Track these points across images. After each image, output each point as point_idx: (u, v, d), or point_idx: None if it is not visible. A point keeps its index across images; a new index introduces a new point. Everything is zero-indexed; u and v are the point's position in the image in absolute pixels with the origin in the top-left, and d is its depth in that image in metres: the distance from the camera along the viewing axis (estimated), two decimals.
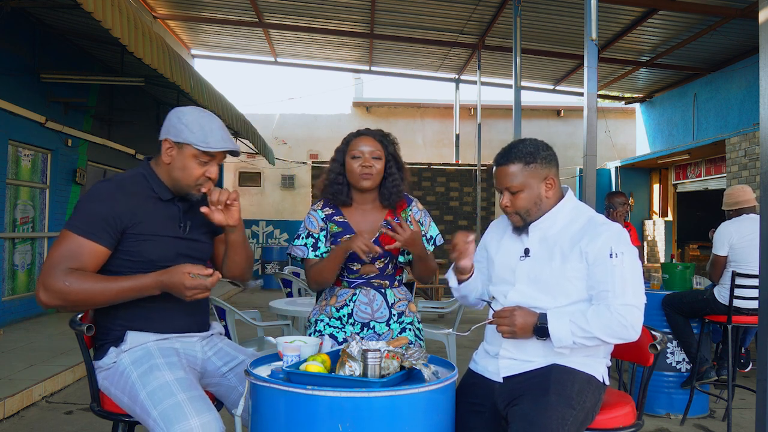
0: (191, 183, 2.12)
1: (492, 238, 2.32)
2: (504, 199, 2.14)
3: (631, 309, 1.98)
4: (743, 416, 4.44)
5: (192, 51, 14.52)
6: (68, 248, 1.98)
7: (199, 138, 2.07)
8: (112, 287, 1.97)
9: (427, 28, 11.37)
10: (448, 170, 14.25)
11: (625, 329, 1.98)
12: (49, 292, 1.93)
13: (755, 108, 9.90)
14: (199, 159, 2.09)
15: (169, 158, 2.11)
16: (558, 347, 2.01)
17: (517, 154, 2.11)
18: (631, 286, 2.01)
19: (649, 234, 13.23)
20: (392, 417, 1.70)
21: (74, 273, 1.95)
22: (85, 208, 2.04)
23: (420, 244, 2.41)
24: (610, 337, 1.98)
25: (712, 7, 8.82)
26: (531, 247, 2.15)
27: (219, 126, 2.13)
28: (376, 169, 2.46)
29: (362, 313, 2.49)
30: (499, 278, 2.21)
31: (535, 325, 2.01)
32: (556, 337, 1.99)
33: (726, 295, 4.19)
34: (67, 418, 4.30)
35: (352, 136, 2.55)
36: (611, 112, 16.79)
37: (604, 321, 1.97)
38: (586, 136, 5.88)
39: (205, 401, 1.95)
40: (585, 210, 2.19)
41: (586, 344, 2.00)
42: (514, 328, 2.01)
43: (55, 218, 8.39)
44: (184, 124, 2.09)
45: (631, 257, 2.04)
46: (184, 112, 2.13)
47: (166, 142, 2.12)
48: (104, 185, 2.10)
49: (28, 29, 7.55)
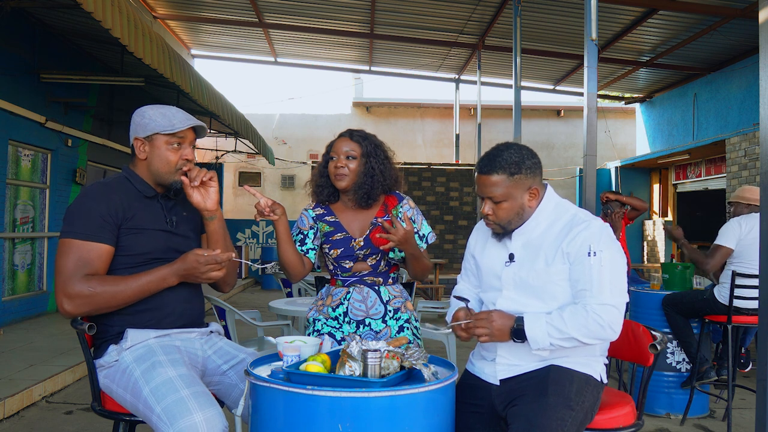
0: (171, 169, 2.19)
1: (477, 242, 2.29)
2: (485, 208, 2.09)
3: (609, 308, 1.94)
4: (743, 416, 4.44)
5: (192, 51, 14.53)
6: (77, 256, 2.03)
7: (163, 124, 2.17)
8: (132, 285, 2.04)
9: (427, 28, 11.37)
10: (448, 170, 14.26)
11: (602, 329, 1.93)
12: (74, 301, 1.99)
13: (755, 108, 9.90)
14: (171, 144, 2.18)
15: (143, 154, 2.20)
16: (536, 350, 1.98)
17: (501, 164, 2.04)
18: (609, 284, 1.96)
19: (649, 234, 13.23)
20: (392, 417, 1.70)
21: (93, 278, 2.01)
22: (80, 212, 2.08)
23: (413, 243, 2.40)
24: (586, 337, 1.94)
25: (712, 7, 8.82)
26: (515, 252, 2.11)
27: (178, 110, 2.24)
28: (349, 169, 2.47)
29: (357, 311, 2.51)
30: (487, 285, 2.19)
31: (512, 327, 1.98)
32: (532, 338, 1.95)
33: (726, 295, 4.19)
34: (67, 418, 4.30)
35: (334, 138, 2.59)
36: (611, 112, 16.79)
37: (581, 321, 1.93)
38: (586, 136, 5.88)
39: (208, 397, 1.96)
40: (567, 207, 2.14)
41: (564, 345, 1.96)
42: (492, 331, 1.98)
43: (55, 218, 8.39)
44: (147, 119, 2.19)
45: (611, 255, 1.99)
46: (144, 110, 2.23)
47: (136, 141, 2.22)
48: (92, 187, 2.18)
49: (28, 29, 7.55)
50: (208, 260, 2.03)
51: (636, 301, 4.70)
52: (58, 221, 8.47)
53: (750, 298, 4.08)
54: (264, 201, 2.34)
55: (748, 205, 4.46)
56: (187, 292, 2.21)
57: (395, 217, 2.50)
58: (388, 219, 2.50)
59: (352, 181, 2.48)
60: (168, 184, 2.21)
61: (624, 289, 2.02)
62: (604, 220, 6.01)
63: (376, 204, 2.56)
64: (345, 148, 2.49)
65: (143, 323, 2.12)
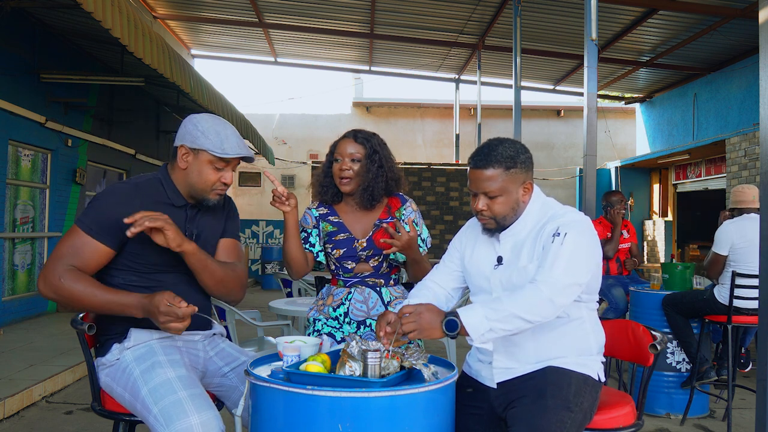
0: (207, 188, 2.15)
1: (467, 240, 2.25)
2: (479, 203, 2.04)
3: (555, 282, 1.86)
4: (743, 416, 4.44)
5: (192, 51, 14.53)
6: (73, 244, 2.03)
7: (215, 144, 2.10)
8: (99, 297, 1.99)
9: (427, 28, 11.38)
10: (448, 170, 14.26)
11: (542, 303, 1.84)
12: (45, 284, 2.01)
13: (755, 108, 9.90)
14: (215, 165, 2.13)
15: (185, 164, 2.14)
16: (477, 341, 1.85)
17: (497, 157, 2.02)
18: (564, 262, 1.89)
19: (649, 234, 13.23)
20: (392, 417, 1.70)
21: (72, 272, 1.99)
22: (99, 207, 2.08)
23: (415, 248, 2.40)
24: (526, 312, 1.84)
25: (712, 7, 8.82)
26: (504, 254, 2.09)
27: (233, 133, 2.17)
28: (354, 172, 2.47)
29: (358, 311, 2.51)
30: (476, 287, 2.17)
31: (442, 321, 1.87)
32: (470, 325, 1.83)
33: (726, 295, 4.19)
34: (67, 418, 4.30)
35: (338, 139, 2.57)
36: (611, 112, 16.79)
37: (521, 295, 1.86)
38: (586, 136, 5.88)
39: (205, 399, 1.96)
40: (552, 205, 2.11)
41: (506, 327, 1.84)
42: (420, 326, 1.88)
43: (55, 218, 8.39)
44: (201, 131, 2.11)
45: (576, 238, 1.92)
46: (199, 119, 2.16)
47: (181, 148, 2.14)
48: (121, 187, 2.15)
49: (28, 29, 7.55)
50: (168, 311, 1.88)
51: (636, 301, 4.70)
52: (58, 221, 8.48)
53: (750, 298, 4.08)
54: (281, 189, 2.34)
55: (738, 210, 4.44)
56: (195, 296, 2.18)
57: (399, 221, 2.49)
58: (392, 221, 2.49)
59: (357, 184, 2.48)
60: (199, 200, 2.18)
61: (583, 271, 1.94)
62: (604, 218, 5.97)
63: (380, 205, 2.57)
64: (350, 150, 2.48)
65: (149, 325, 2.11)
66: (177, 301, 1.91)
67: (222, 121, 2.18)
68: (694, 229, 12.23)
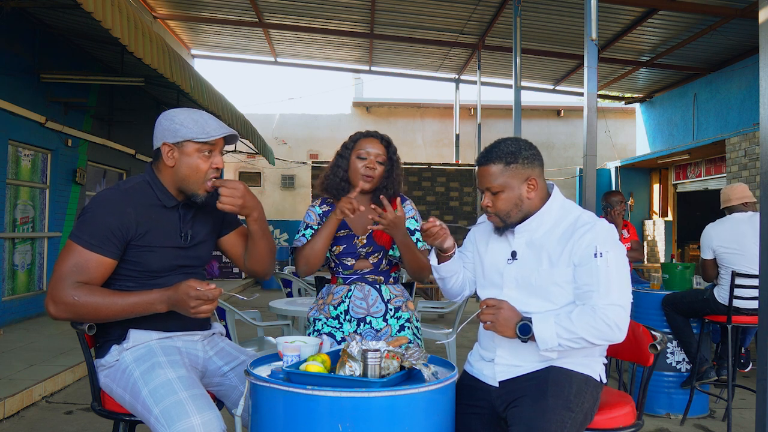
0: (201, 178, 2.10)
1: (482, 234, 2.28)
2: (485, 200, 2.09)
3: (616, 309, 1.92)
4: (743, 416, 4.44)
5: (192, 51, 14.53)
6: (75, 262, 1.98)
7: (196, 131, 2.07)
8: (119, 302, 1.97)
9: (427, 28, 11.37)
10: (448, 170, 14.26)
11: (610, 329, 1.91)
12: (58, 306, 1.96)
13: (755, 108, 9.90)
14: (202, 152, 2.09)
15: (172, 161, 2.09)
16: (543, 350, 1.94)
17: (497, 153, 2.06)
18: (616, 285, 1.95)
19: (649, 234, 13.23)
20: (392, 417, 1.70)
21: (82, 287, 1.96)
22: (92, 219, 2.02)
23: (402, 229, 2.42)
24: (595, 338, 1.92)
25: (712, 7, 8.82)
26: (518, 249, 2.10)
27: (210, 116, 2.14)
28: (377, 173, 2.52)
29: (358, 308, 2.52)
30: (488, 281, 2.18)
31: (517, 323, 1.95)
32: (541, 338, 1.92)
33: (726, 295, 4.19)
34: (67, 418, 4.30)
35: (360, 135, 2.60)
36: (611, 112, 16.80)
37: (590, 321, 1.91)
38: (586, 136, 5.88)
39: (206, 399, 1.95)
40: (571, 208, 2.13)
41: (572, 346, 1.93)
42: (497, 321, 1.95)
43: (55, 218, 8.39)
44: (178, 124, 2.08)
45: (616, 255, 1.98)
46: (173, 114, 2.12)
47: (164, 146, 2.09)
48: (110, 194, 2.09)
49: (28, 29, 7.55)
50: (199, 295, 1.91)
51: (636, 301, 4.68)
52: (58, 221, 8.48)
53: (749, 298, 4.08)
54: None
55: (729, 209, 4.43)
56: None
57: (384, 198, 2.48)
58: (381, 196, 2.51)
59: (375, 184, 2.54)
60: (193, 194, 2.13)
61: (629, 289, 2.01)
62: (603, 218, 6.00)
63: None
64: (377, 150, 2.53)
65: (148, 326, 2.11)
66: (204, 285, 1.94)
67: (194, 110, 2.16)
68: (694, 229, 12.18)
